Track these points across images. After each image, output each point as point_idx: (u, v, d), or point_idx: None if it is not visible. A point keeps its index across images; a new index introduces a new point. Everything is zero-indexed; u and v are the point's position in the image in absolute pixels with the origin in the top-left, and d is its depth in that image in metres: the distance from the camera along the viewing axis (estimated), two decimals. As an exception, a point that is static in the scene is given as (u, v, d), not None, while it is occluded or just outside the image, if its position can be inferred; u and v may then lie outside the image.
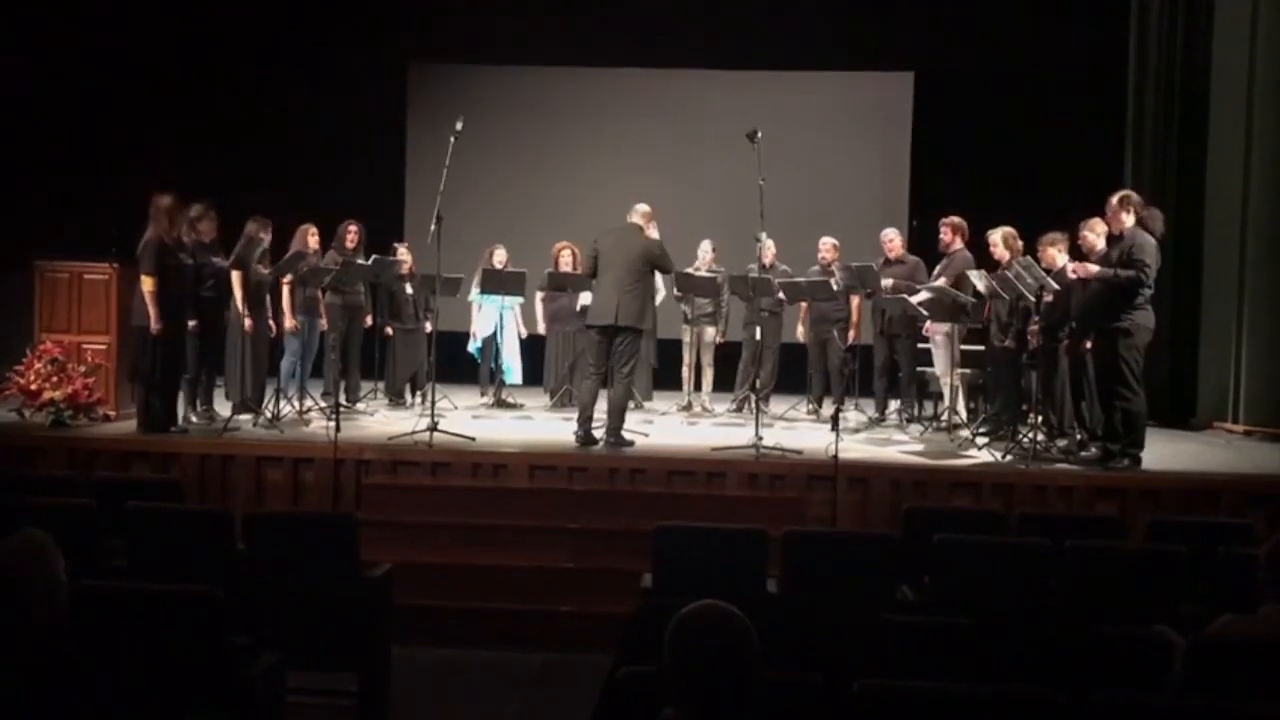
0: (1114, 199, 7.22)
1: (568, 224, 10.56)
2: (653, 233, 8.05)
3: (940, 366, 8.87)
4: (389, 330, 9.88)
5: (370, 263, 9.32)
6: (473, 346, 10.26)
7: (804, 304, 9.84)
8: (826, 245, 9.72)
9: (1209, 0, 10.10)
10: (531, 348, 10.39)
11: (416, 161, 12.29)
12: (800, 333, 10.06)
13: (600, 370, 7.79)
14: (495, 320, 10.05)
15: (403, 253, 9.78)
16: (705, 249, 9.94)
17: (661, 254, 7.86)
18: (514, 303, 9.98)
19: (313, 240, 8.92)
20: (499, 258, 9.88)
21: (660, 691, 2.50)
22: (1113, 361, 7.10)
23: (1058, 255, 7.87)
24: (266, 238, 8.45)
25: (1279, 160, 9.34)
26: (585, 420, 7.67)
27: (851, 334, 9.66)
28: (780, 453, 7.35)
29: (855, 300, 9.62)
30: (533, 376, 10.38)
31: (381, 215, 11.10)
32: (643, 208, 7.97)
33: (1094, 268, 7.17)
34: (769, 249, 9.38)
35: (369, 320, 9.75)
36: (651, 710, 2.56)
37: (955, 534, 4.85)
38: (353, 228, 9.43)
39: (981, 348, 8.91)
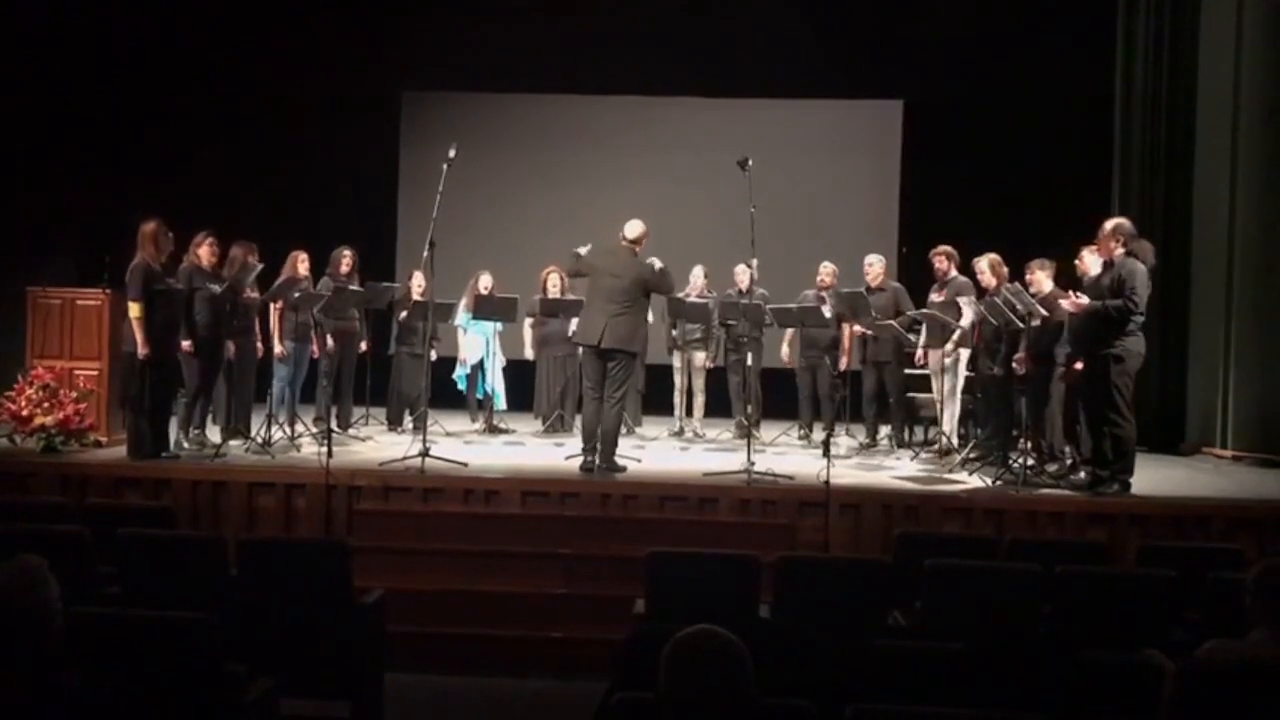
0: (1107, 226, 7.27)
1: (557, 249, 10.53)
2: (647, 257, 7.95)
3: (939, 392, 8.87)
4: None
5: (363, 289, 9.36)
6: (459, 373, 10.25)
7: (790, 329, 9.89)
8: (827, 270, 9.76)
9: (1194, 28, 10.22)
10: (520, 373, 10.40)
11: (409, 187, 12.33)
12: (785, 354, 10.08)
13: (598, 394, 7.69)
14: (483, 346, 10.07)
15: (418, 278, 9.78)
16: (697, 274, 9.98)
17: (655, 277, 7.73)
18: (499, 328, 10.00)
19: (303, 267, 8.94)
20: (484, 283, 9.89)
21: (655, 717, 2.51)
22: (1104, 388, 7.13)
23: (1045, 280, 7.95)
24: (254, 260, 8.47)
25: (1265, 185, 9.41)
26: (593, 447, 7.62)
27: (844, 361, 9.70)
28: (772, 478, 7.36)
29: (845, 327, 9.66)
30: (520, 401, 10.39)
31: (374, 241, 11.13)
32: (635, 229, 7.81)
33: (1085, 300, 7.22)
34: (742, 274, 9.42)
35: (363, 346, 9.76)
36: (646, 736, 2.56)
37: (947, 559, 4.86)
38: (347, 254, 9.47)
39: (971, 374, 8.95)
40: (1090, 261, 7.75)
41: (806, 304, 9.47)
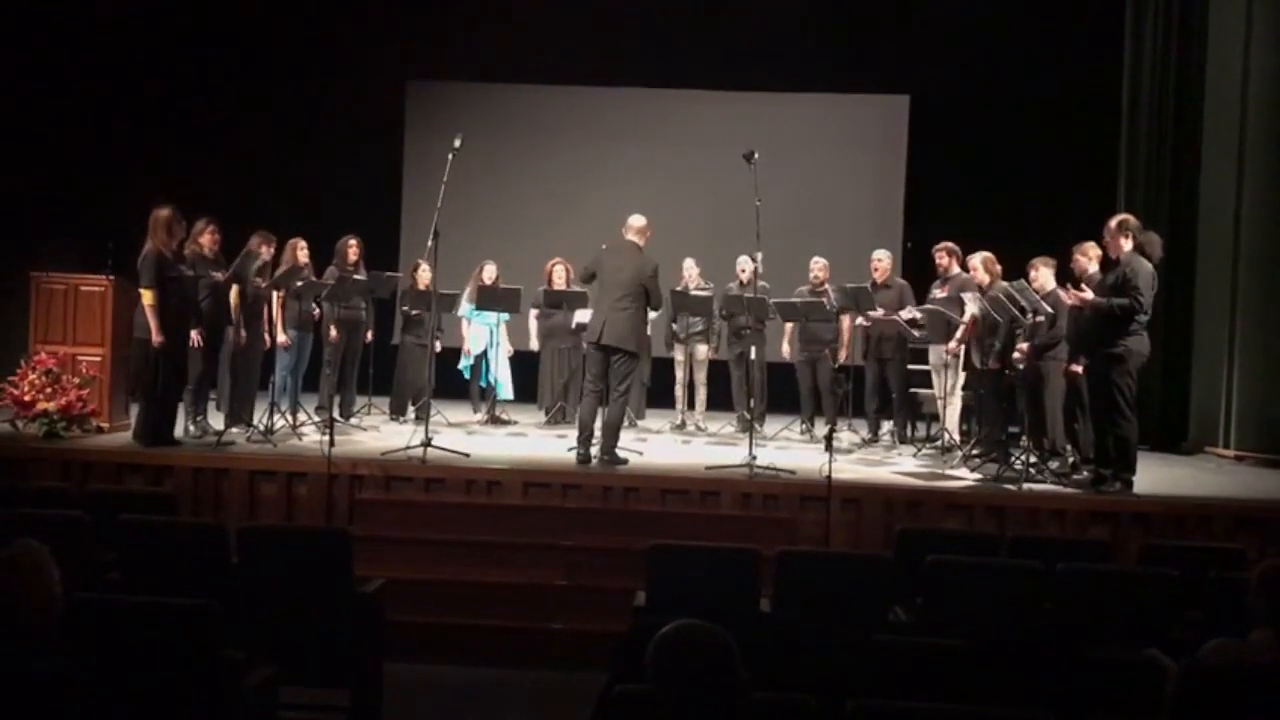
0: (1112, 223, 7.24)
1: (561, 241, 10.57)
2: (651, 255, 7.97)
3: (941, 388, 8.86)
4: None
5: (367, 277, 9.35)
6: (463, 363, 10.25)
7: (790, 323, 9.87)
8: (819, 265, 9.75)
9: (1202, 25, 10.18)
10: (524, 364, 10.40)
11: (413, 177, 12.33)
12: (786, 351, 10.07)
13: (598, 388, 7.75)
14: (486, 337, 10.06)
15: (424, 269, 9.77)
16: (690, 266, 9.96)
17: (651, 279, 7.70)
18: (503, 318, 10.00)
19: (302, 254, 8.93)
20: (489, 273, 9.88)
21: (654, 710, 2.50)
22: (1106, 387, 7.12)
23: (1048, 276, 7.93)
24: (268, 252, 8.48)
25: (1272, 184, 9.39)
26: (585, 439, 7.64)
27: (842, 354, 9.69)
28: (774, 472, 7.36)
29: (846, 321, 9.65)
30: (524, 393, 10.38)
31: (378, 231, 11.11)
32: (637, 221, 7.86)
33: (1090, 295, 7.19)
34: (743, 267, 9.39)
35: (369, 335, 9.76)
36: (645, 729, 2.56)
37: (948, 555, 4.86)
38: (353, 243, 9.45)
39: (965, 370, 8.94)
40: (1085, 262, 7.73)
41: (809, 299, 9.45)
